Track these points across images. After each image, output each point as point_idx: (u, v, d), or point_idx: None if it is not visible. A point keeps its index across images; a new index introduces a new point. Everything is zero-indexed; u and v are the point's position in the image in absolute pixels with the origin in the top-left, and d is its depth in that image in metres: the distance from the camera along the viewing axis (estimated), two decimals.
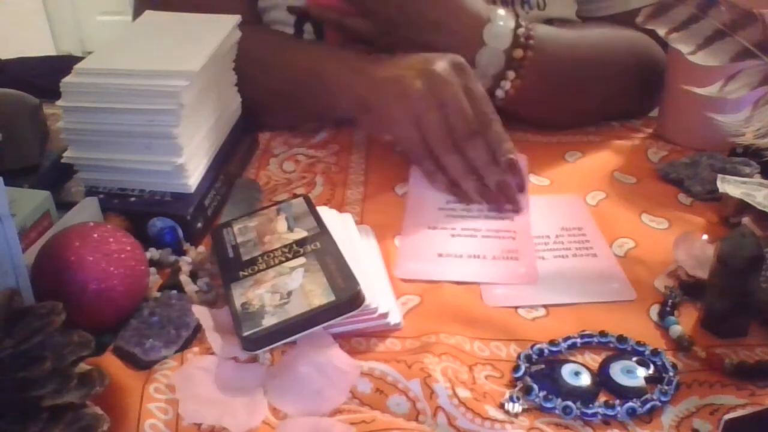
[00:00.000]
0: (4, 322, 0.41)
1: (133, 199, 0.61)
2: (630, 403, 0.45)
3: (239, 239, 0.57)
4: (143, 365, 0.47)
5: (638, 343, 0.50)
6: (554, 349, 0.49)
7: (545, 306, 0.54)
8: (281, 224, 0.58)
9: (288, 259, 0.54)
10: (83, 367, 0.43)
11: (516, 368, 0.48)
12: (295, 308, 0.48)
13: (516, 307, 0.54)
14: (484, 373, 0.48)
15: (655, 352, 0.49)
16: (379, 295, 0.51)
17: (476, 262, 0.59)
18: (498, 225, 0.63)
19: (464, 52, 0.69)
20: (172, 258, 0.58)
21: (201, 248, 0.59)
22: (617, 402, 0.45)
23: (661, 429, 0.44)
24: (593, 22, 0.83)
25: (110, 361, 0.47)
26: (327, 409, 0.45)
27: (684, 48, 0.52)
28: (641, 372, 0.47)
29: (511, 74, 0.70)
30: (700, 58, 0.51)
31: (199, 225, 0.61)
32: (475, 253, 0.60)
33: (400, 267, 0.58)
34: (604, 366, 0.48)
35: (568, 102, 0.78)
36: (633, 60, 0.80)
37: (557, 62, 0.73)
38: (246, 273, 0.53)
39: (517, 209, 0.62)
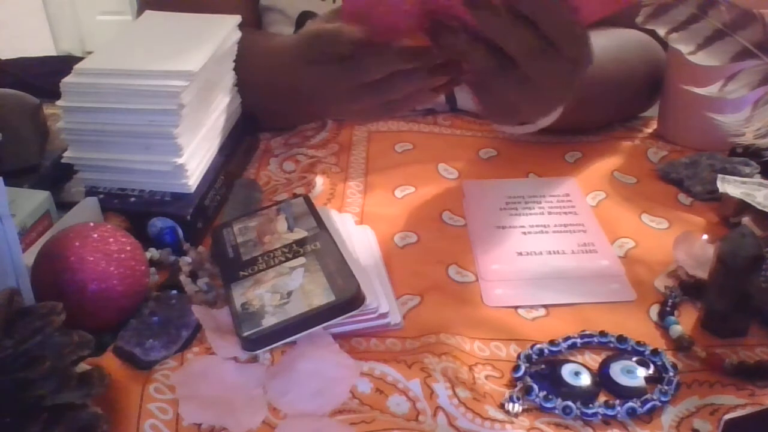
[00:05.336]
0: (4, 322, 0.41)
1: (133, 199, 0.61)
2: (630, 403, 0.45)
3: (239, 239, 0.57)
4: (143, 365, 0.47)
5: (638, 343, 0.50)
6: (554, 349, 0.49)
7: (545, 306, 0.54)
8: (281, 224, 0.58)
9: (288, 259, 0.54)
10: (83, 367, 0.43)
11: (516, 368, 0.48)
12: (295, 308, 0.48)
13: (516, 307, 0.54)
14: (484, 373, 0.48)
15: (655, 352, 0.49)
16: (379, 295, 0.51)
17: (557, 258, 0.59)
18: (564, 220, 0.64)
19: None
20: (172, 258, 0.58)
21: (201, 248, 0.59)
22: (617, 402, 0.45)
23: (661, 429, 0.44)
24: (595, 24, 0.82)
25: (110, 361, 0.47)
26: (327, 409, 0.45)
27: (684, 48, 0.52)
28: (641, 372, 0.47)
29: None
30: (700, 58, 0.51)
31: (199, 225, 0.61)
32: (554, 249, 0.60)
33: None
34: (604, 366, 0.48)
35: (590, 109, 0.75)
36: (640, 60, 0.79)
37: None
38: (246, 273, 0.53)
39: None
